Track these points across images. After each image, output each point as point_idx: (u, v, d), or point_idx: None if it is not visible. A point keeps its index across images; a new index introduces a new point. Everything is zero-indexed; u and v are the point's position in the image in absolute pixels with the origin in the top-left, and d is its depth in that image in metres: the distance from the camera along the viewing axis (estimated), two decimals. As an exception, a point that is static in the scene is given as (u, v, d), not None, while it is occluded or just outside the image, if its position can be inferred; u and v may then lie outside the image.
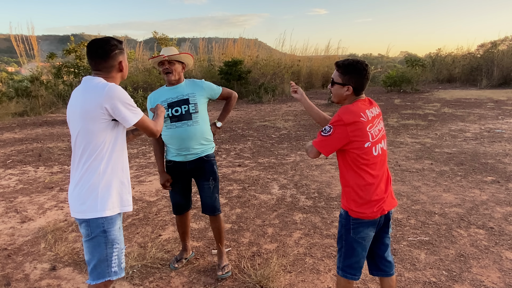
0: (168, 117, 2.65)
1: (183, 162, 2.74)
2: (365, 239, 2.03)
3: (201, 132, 2.71)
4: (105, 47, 1.92)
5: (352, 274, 2.07)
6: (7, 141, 7.92)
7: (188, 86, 2.74)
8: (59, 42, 23.46)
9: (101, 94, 1.80)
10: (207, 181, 2.80)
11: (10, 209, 4.25)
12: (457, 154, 6.09)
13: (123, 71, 2.02)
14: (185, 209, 2.96)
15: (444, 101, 12.28)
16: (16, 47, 14.32)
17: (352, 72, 2.00)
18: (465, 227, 3.57)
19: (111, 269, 1.91)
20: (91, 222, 1.86)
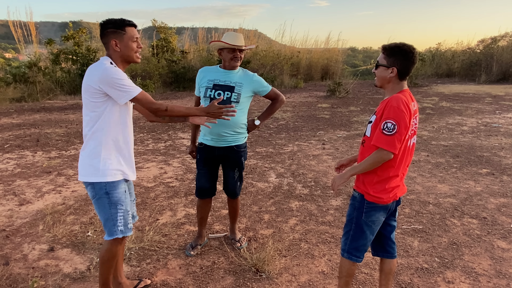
0: (209, 97, 2.68)
1: (213, 147, 2.77)
2: (375, 223, 2.06)
3: (235, 122, 2.70)
4: (102, 25, 2.05)
5: (356, 257, 2.10)
6: (4, 126, 7.91)
7: (240, 75, 2.74)
8: (58, 28, 23.26)
9: (96, 74, 1.95)
10: (232, 170, 2.89)
11: (8, 192, 4.27)
12: (453, 146, 6.14)
13: (121, 51, 2.04)
14: (208, 194, 2.96)
15: (443, 95, 12.31)
16: (14, 32, 14.19)
17: (397, 54, 1.96)
18: (459, 216, 3.63)
19: (117, 228, 2.11)
20: (95, 185, 2.05)
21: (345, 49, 21.44)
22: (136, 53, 2.10)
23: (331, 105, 10.63)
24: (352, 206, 2.12)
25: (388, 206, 2.05)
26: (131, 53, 2.07)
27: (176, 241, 3.19)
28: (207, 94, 2.68)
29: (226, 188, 2.98)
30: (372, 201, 2.02)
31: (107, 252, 2.18)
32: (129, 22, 2.05)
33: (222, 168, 2.93)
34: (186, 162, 5.40)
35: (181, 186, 4.49)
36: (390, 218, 2.17)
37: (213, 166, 2.90)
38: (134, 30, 2.08)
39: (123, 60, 2.08)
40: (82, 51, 12.41)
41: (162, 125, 7.97)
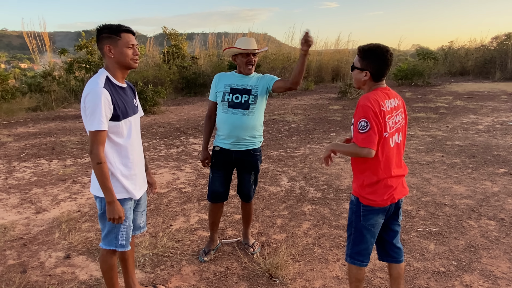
0: (227, 101, 2.72)
1: (230, 150, 2.78)
2: (374, 226, 2.04)
3: (253, 124, 2.75)
4: (97, 31, 1.99)
5: (360, 261, 2.09)
6: (21, 135, 8.08)
7: (255, 79, 2.80)
8: (71, 38, 23.75)
9: (83, 95, 1.93)
10: (248, 174, 2.89)
11: (25, 200, 4.35)
12: (469, 146, 6.03)
13: (115, 58, 1.98)
14: (222, 198, 2.96)
15: (456, 94, 12.11)
16: (29, 43, 14.51)
17: (370, 57, 1.96)
18: (476, 218, 3.55)
19: (118, 241, 2.13)
20: (102, 200, 2.05)
21: (356, 50, 21.28)
22: (132, 60, 2.02)
23: (343, 106, 10.56)
24: (350, 210, 2.12)
25: (385, 208, 2.03)
26: (126, 59, 1.99)
27: (189, 246, 3.20)
28: (225, 98, 2.72)
29: (241, 191, 2.98)
30: (367, 204, 2.01)
31: (103, 263, 2.21)
32: (126, 28, 1.99)
33: (238, 172, 2.94)
34: (198, 168, 5.43)
35: (194, 191, 4.51)
36: (392, 222, 2.14)
37: (229, 170, 2.91)
38: (131, 36, 2.01)
39: (120, 66, 2.02)
40: (95, 59, 12.60)
41: (174, 131, 8.03)
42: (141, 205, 2.33)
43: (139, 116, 2.25)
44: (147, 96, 10.02)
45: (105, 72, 2.01)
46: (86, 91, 1.91)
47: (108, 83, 1.97)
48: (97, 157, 1.91)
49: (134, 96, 2.23)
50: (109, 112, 1.93)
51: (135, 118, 2.15)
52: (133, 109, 2.13)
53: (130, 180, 2.11)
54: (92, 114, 1.88)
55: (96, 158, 1.91)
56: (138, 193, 2.19)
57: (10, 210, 4.09)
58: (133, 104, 2.15)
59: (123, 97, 2.05)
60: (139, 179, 2.19)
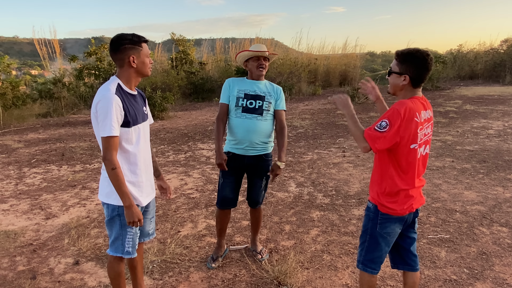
0: (241, 106, 2.71)
1: (242, 156, 2.78)
2: (391, 235, 2.01)
3: (266, 129, 2.77)
4: (117, 41, 2.01)
5: (372, 268, 2.06)
6: (31, 141, 8.18)
7: (268, 86, 2.82)
8: (81, 45, 24.12)
9: (97, 98, 1.96)
10: (260, 179, 2.89)
11: (35, 206, 4.39)
12: (480, 151, 5.95)
13: (137, 67, 2.04)
14: (231, 204, 2.93)
15: (466, 98, 11.99)
16: (39, 50, 14.73)
17: (410, 60, 1.90)
18: (488, 225, 3.49)
19: (124, 248, 2.13)
20: (109, 206, 2.08)
21: (363, 54, 21.21)
22: (150, 68, 2.11)
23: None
24: (367, 217, 2.08)
25: (404, 217, 2.00)
26: (146, 68, 2.08)
27: (197, 253, 3.20)
28: (239, 103, 2.72)
29: (250, 196, 2.97)
30: (386, 213, 1.97)
31: (111, 270, 2.22)
32: (145, 39, 2.07)
33: (248, 177, 2.93)
34: (206, 173, 5.43)
35: (202, 197, 4.51)
36: (409, 230, 2.11)
37: (239, 176, 2.89)
38: (147, 46, 2.10)
39: (138, 75, 2.09)
40: (104, 66, 12.74)
41: (182, 137, 8.06)
42: (150, 212, 2.33)
43: (149, 123, 2.26)
44: (155, 102, 10.08)
45: (116, 80, 2.04)
46: (98, 97, 1.94)
47: (119, 90, 2.01)
48: (111, 163, 1.93)
49: (144, 103, 2.25)
50: (120, 118, 1.96)
51: (144, 126, 2.17)
52: (142, 117, 2.15)
53: (137, 187, 2.12)
54: (104, 120, 1.91)
55: (110, 164, 1.93)
56: (145, 200, 2.19)
57: (20, 216, 4.13)
58: (143, 112, 2.18)
59: (133, 104, 2.08)
60: (146, 186, 2.20)
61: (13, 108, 10.72)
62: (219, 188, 2.90)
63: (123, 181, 1.96)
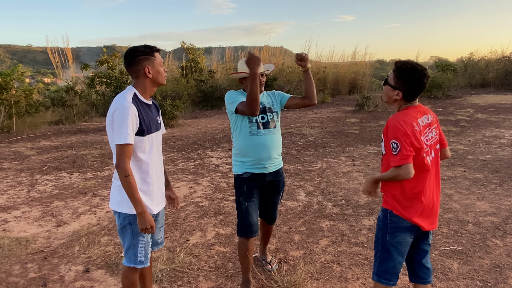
0: (255, 122, 2.56)
1: (263, 174, 2.62)
2: (402, 244, 1.99)
3: (280, 141, 2.70)
4: (131, 53, 2.05)
5: (387, 280, 2.03)
6: (43, 148, 8.30)
7: (267, 96, 2.72)
8: (92, 53, 24.54)
9: (113, 106, 2.00)
10: (278, 194, 2.80)
11: (47, 213, 4.44)
12: (492, 161, 5.86)
13: (152, 77, 2.08)
14: (256, 230, 2.68)
15: (477, 107, 11.85)
16: (52, 59, 15.01)
17: (406, 77, 1.91)
18: (501, 236, 3.43)
19: (137, 257, 2.14)
20: (120, 215, 2.10)
21: (373, 62, 21.14)
22: (165, 77, 2.16)
23: (360, 119, 10.47)
24: (377, 227, 2.08)
25: (414, 227, 1.98)
26: (161, 77, 2.12)
27: (206, 262, 3.19)
28: (253, 119, 2.57)
29: (268, 214, 2.86)
30: (399, 215, 1.95)
31: (125, 278, 2.23)
32: (157, 48, 2.10)
33: (265, 194, 2.76)
34: (215, 181, 5.44)
35: (211, 205, 4.52)
36: (423, 241, 2.08)
37: (259, 196, 2.71)
38: (159, 55, 2.13)
39: (153, 84, 2.13)
40: (116, 74, 12.92)
41: (191, 144, 8.11)
42: (159, 221, 2.33)
43: (161, 133, 2.29)
44: (165, 110, 10.17)
45: (133, 89, 2.08)
46: (115, 106, 1.99)
47: (135, 99, 2.05)
48: (125, 170, 1.95)
49: (158, 113, 2.28)
50: (136, 126, 2.00)
51: (157, 135, 2.20)
52: (156, 126, 2.18)
53: (148, 195, 2.13)
54: (120, 128, 1.94)
55: (123, 171, 1.95)
56: (156, 208, 2.20)
57: (32, 223, 4.18)
58: (157, 121, 2.21)
59: (148, 114, 2.11)
60: (157, 195, 2.21)
61: (26, 115, 10.92)
62: (244, 215, 2.61)
63: (136, 188, 1.98)
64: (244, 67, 2.47)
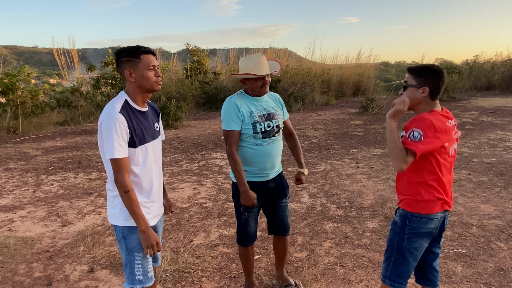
0: (260, 132, 2.40)
1: (266, 181, 2.49)
2: (418, 250, 1.98)
3: (282, 146, 2.58)
4: (116, 55, 1.89)
5: (399, 283, 2.02)
6: (49, 149, 8.36)
7: (271, 99, 2.56)
8: (97, 54, 24.76)
9: (100, 120, 1.83)
10: (285, 197, 2.63)
11: (52, 213, 4.48)
12: (497, 164, 5.84)
13: (136, 82, 1.86)
14: (255, 238, 2.63)
15: (483, 109, 11.79)
16: (58, 60, 15.12)
17: (427, 73, 1.92)
18: (505, 239, 3.42)
19: (135, 277, 1.94)
20: (115, 227, 1.97)
21: (377, 64, 21.10)
22: (156, 82, 1.90)
23: (364, 121, 10.46)
24: (393, 231, 2.04)
25: (431, 232, 1.98)
26: (148, 82, 1.87)
27: (210, 263, 3.21)
28: (258, 129, 2.39)
29: (278, 223, 2.64)
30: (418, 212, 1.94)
31: None
32: (145, 49, 1.86)
33: (271, 202, 2.61)
34: (219, 183, 5.46)
35: (214, 206, 4.54)
36: (434, 244, 2.08)
37: (261, 204, 2.59)
38: (151, 57, 1.87)
39: (142, 90, 1.90)
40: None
41: (195, 146, 8.14)
42: (158, 233, 2.16)
43: (160, 140, 2.11)
44: (169, 111, 10.22)
45: (124, 96, 1.90)
46: (102, 117, 1.81)
47: (126, 107, 1.86)
48: (124, 186, 1.79)
49: (157, 119, 2.09)
50: (126, 137, 1.82)
51: (154, 144, 2.01)
52: (152, 134, 1.99)
53: (144, 207, 1.95)
54: (107, 141, 1.78)
55: (122, 187, 1.79)
56: (152, 221, 2.03)
57: (37, 222, 4.22)
58: (153, 129, 2.01)
59: (141, 122, 1.92)
60: (154, 208, 2.05)
61: (32, 116, 11.00)
62: (243, 225, 2.53)
63: (138, 204, 1.82)
64: (246, 67, 2.37)
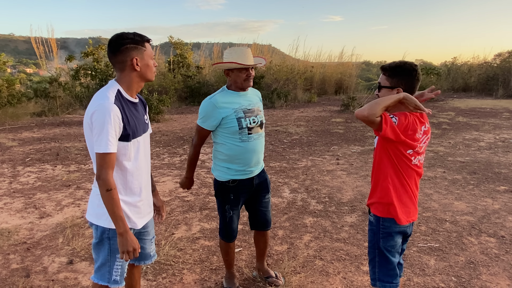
0: (246, 127, 2.36)
1: (250, 178, 2.49)
2: (394, 247, 2.01)
3: (264, 142, 2.57)
4: (117, 40, 1.75)
5: (389, 282, 2.00)
6: (26, 140, 8.15)
7: (253, 94, 2.53)
8: (77, 44, 24.15)
9: (90, 110, 1.71)
10: (267, 193, 2.64)
11: (29, 205, 4.39)
12: (470, 163, 6.06)
13: (141, 71, 1.79)
14: (236, 234, 2.65)
15: (459, 110, 12.17)
16: (36, 49, 14.70)
17: (400, 73, 1.88)
18: (476, 235, 3.57)
19: (111, 276, 1.88)
20: (98, 228, 1.85)
21: (359, 63, 21.41)
22: (154, 72, 1.88)
23: (345, 119, 10.63)
24: (371, 231, 2.05)
25: (404, 229, 2.01)
26: (150, 72, 1.84)
27: (191, 255, 3.23)
28: (243, 124, 2.35)
29: (261, 218, 2.67)
30: (387, 217, 1.97)
31: None
32: (147, 38, 1.82)
33: (256, 197, 2.61)
34: (200, 177, 5.47)
35: (196, 200, 4.55)
36: (404, 242, 2.15)
37: (248, 201, 2.62)
38: (150, 46, 1.85)
39: (141, 79, 1.83)
40: (101, 67, 12.75)
41: (177, 140, 8.10)
42: (149, 232, 2.09)
43: (149, 133, 2.01)
44: (151, 104, 10.11)
45: (116, 85, 1.79)
46: (94, 106, 1.69)
47: (119, 97, 1.76)
48: (106, 183, 1.67)
49: (145, 111, 2.00)
50: (119, 131, 1.72)
51: (145, 138, 1.93)
52: (143, 127, 1.92)
53: (134, 207, 1.89)
54: (100, 134, 1.66)
55: (105, 185, 1.67)
56: (141, 221, 1.95)
57: (14, 214, 4.13)
58: (144, 122, 1.94)
59: (134, 114, 1.84)
60: (144, 206, 1.97)
61: (8, 106, 10.68)
62: (227, 222, 2.54)
63: (118, 205, 1.71)
64: (232, 57, 2.32)
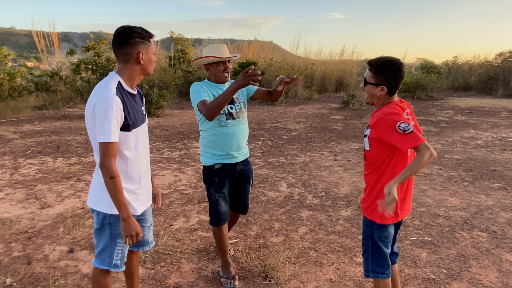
0: (224, 114, 2.58)
1: (233, 164, 2.69)
2: (388, 238, 2.08)
3: (247, 130, 2.76)
4: (125, 33, 1.83)
5: (382, 273, 2.07)
6: (27, 132, 8.22)
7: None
8: (78, 38, 24.17)
9: (92, 101, 1.77)
10: (249, 182, 2.87)
11: (30, 196, 4.47)
12: (467, 160, 6.12)
13: (144, 64, 1.88)
14: (227, 217, 2.78)
15: (458, 109, 12.22)
16: (38, 43, 14.75)
17: (385, 72, 1.95)
18: (468, 229, 3.65)
19: (112, 260, 1.96)
20: (99, 214, 1.92)
21: (360, 61, 21.45)
22: (153, 66, 1.98)
23: (344, 117, 10.69)
24: (365, 223, 2.12)
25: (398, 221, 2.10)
26: (152, 66, 1.93)
27: (189, 246, 3.31)
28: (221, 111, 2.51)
29: (241, 204, 2.92)
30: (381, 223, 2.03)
31: (96, 284, 2.03)
32: (152, 34, 1.91)
33: (236, 184, 2.83)
34: (199, 171, 5.54)
35: (195, 193, 4.62)
36: (396, 232, 2.23)
37: (229, 185, 2.78)
38: (154, 43, 1.94)
39: (142, 72, 1.92)
40: (102, 61, 12.80)
41: (177, 134, 8.16)
42: (147, 219, 2.17)
43: (146, 123, 2.09)
44: (152, 99, 10.18)
45: (117, 77, 1.86)
46: (96, 97, 1.76)
47: (120, 89, 1.83)
48: (110, 171, 1.75)
49: (142, 102, 2.09)
50: (120, 121, 1.80)
51: (143, 128, 2.02)
52: (142, 118, 2.00)
53: (133, 194, 1.97)
54: (103, 124, 1.73)
55: (109, 172, 1.75)
56: (141, 208, 2.04)
57: (15, 204, 4.21)
58: (142, 112, 2.03)
59: (133, 106, 1.92)
60: (143, 193, 2.06)
61: (9, 99, 10.75)
62: (214, 205, 2.69)
63: (122, 191, 1.79)
64: (209, 52, 2.47)
